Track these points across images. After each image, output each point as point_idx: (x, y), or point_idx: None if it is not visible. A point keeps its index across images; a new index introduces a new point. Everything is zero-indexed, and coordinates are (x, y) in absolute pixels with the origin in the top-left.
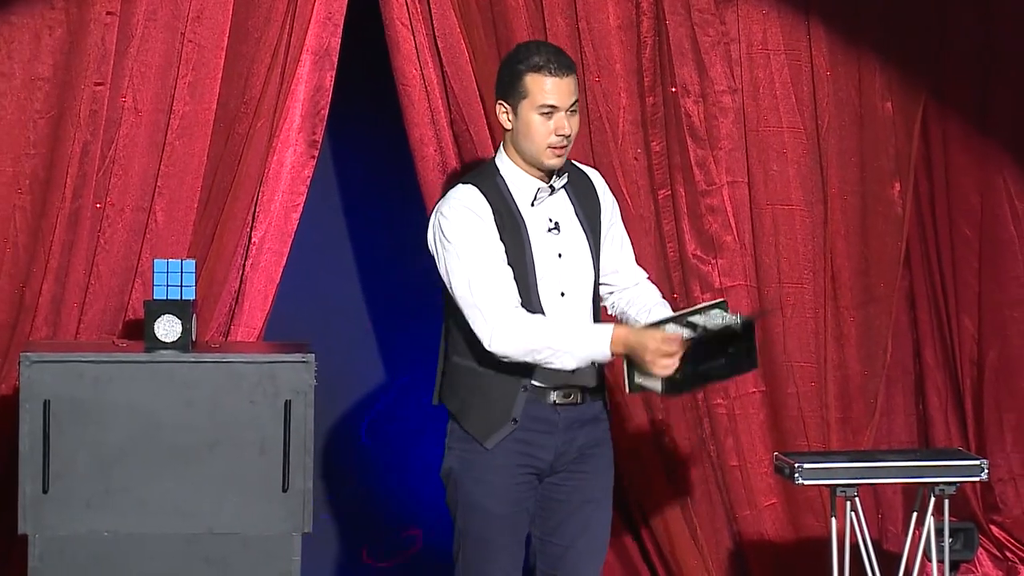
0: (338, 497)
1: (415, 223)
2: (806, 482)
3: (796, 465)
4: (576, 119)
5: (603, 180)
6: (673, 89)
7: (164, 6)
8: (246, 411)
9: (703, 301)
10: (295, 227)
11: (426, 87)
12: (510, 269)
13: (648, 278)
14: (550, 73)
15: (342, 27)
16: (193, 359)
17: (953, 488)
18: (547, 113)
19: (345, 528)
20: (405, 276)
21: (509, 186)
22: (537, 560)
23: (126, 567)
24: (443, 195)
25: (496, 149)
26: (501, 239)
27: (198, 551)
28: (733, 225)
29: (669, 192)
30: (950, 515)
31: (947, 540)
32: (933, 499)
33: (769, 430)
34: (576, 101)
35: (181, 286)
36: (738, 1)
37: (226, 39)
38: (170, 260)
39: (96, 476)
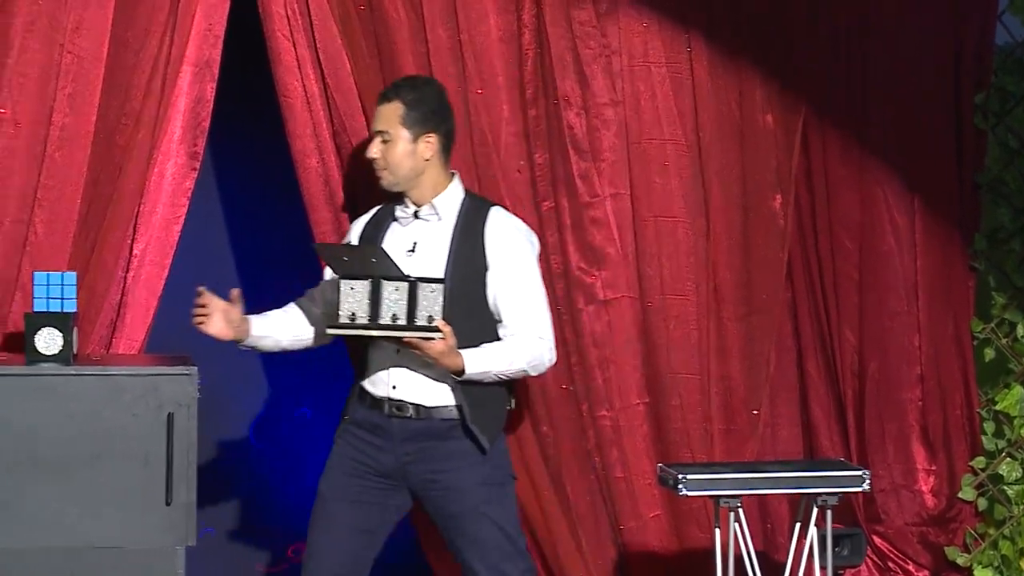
0: (222, 510)
1: (298, 235)
2: (690, 493)
3: (680, 476)
4: (390, 147)
5: (506, 229)
6: (555, 102)
7: (42, 17)
8: (129, 424)
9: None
10: (177, 239)
11: (308, 99)
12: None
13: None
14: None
15: (223, 39)
16: (74, 372)
17: (836, 499)
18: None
19: (230, 542)
20: (287, 288)
21: (399, 206)
22: None
23: None
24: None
25: None
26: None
27: (79, 565)
28: (616, 237)
29: (552, 204)
30: (839, 523)
31: (830, 549)
32: (816, 509)
33: (653, 442)
34: (383, 131)
35: (62, 299)
36: (619, 14)
37: (106, 50)
38: (50, 272)
39: None
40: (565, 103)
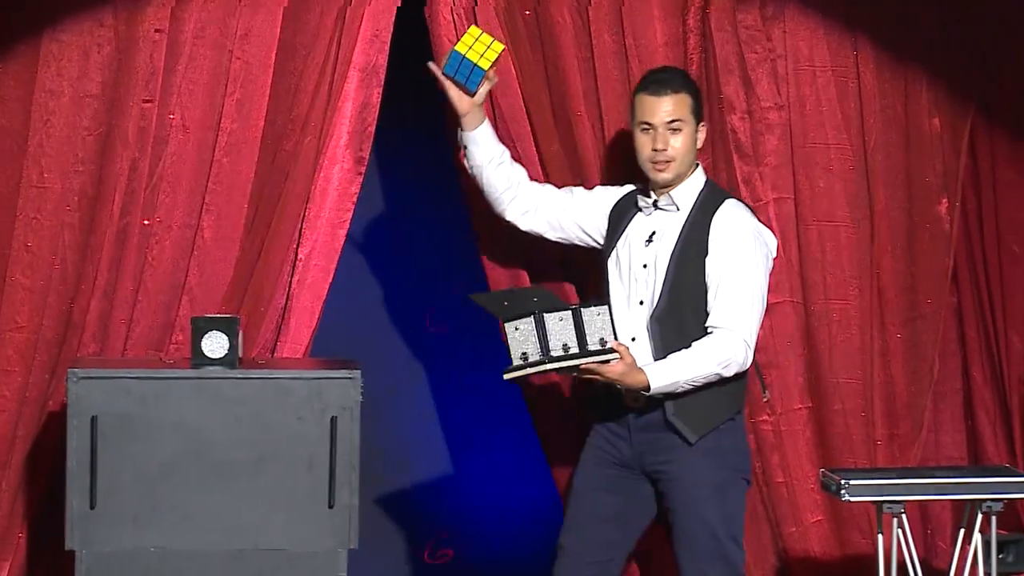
0: (383, 513)
1: (461, 239)
2: (853, 499)
3: (843, 481)
4: (679, 136)
5: (734, 220)
6: (720, 105)
7: (212, 24)
8: (293, 427)
9: None
10: (342, 243)
11: None
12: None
13: (723, 337)
14: (647, 92)
15: (389, 44)
16: (240, 375)
17: (1000, 505)
18: (645, 129)
19: (390, 545)
20: (451, 289)
21: (641, 196)
22: None
23: None
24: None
25: None
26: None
27: (244, 567)
28: (779, 241)
29: None
30: (1003, 529)
31: (995, 555)
32: (980, 516)
33: (815, 447)
34: (677, 120)
35: None
36: (785, 18)
37: (274, 56)
38: None
39: (143, 492)
40: (729, 107)
